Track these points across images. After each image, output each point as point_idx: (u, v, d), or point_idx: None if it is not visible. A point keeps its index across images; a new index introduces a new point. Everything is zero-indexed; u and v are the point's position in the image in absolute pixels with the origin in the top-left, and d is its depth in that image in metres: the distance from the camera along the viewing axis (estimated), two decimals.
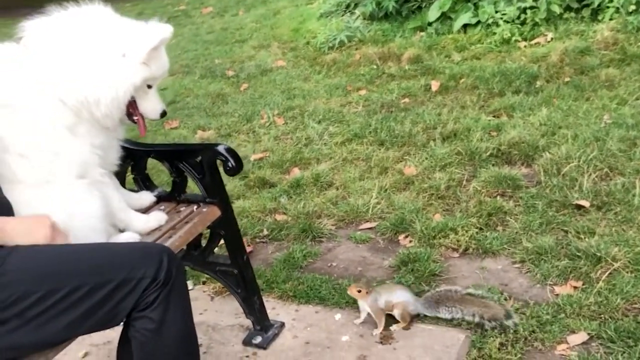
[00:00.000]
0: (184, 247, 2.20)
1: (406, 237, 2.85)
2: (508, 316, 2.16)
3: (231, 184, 3.47)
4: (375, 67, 5.24)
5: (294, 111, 4.55)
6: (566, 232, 2.68)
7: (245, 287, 2.19)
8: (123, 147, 2.09)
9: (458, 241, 2.72)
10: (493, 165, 3.36)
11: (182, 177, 2.10)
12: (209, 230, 2.19)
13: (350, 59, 5.51)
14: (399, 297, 2.23)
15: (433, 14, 5.89)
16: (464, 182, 3.22)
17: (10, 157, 1.65)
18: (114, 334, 1.71)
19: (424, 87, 4.62)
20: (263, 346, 2.21)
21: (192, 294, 2.38)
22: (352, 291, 2.24)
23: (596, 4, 5.07)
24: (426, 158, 3.52)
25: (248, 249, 2.85)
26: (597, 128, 3.53)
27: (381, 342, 2.19)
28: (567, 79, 4.32)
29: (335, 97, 4.76)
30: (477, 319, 2.19)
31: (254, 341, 2.23)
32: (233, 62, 6.20)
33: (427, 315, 2.26)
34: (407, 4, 6.30)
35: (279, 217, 3.13)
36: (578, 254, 2.49)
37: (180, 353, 1.54)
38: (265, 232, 3.01)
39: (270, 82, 5.34)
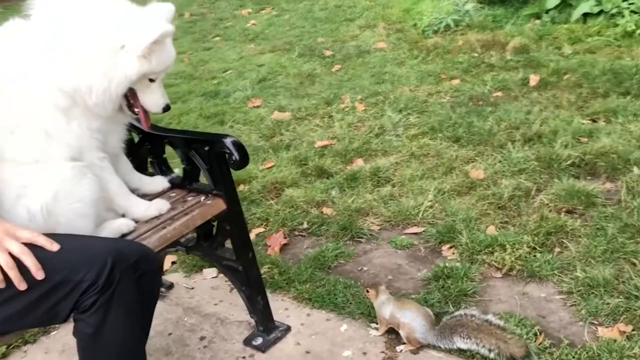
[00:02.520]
0: (195, 236, 2.17)
1: (450, 248, 2.62)
2: (527, 356, 1.90)
3: (287, 171, 3.40)
4: (475, 55, 4.89)
5: (377, 97, 4.36)
6: (633, 264, 2.32)
7: (249, 286, 2.11)
8: (142, 130, 2.08)
9: (503, 260, 2.45)
10: (572, 176, 2.99)
11: (193, 165, 2.04)
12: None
13: (452, 45, 5.19)
14: (407, 319, 2.04)
15: (552, 0, 5.38)
16: (532, 193, 2.90)
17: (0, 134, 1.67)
18: None
19: (522, 81, 4.24)
20: (262, 349, 2.13)
21: (212, 283, 2.38)
22: (365, 292, 2.11)
23: None
24: (499, 161, 3.22)
25: (283, 242, 2.79)
26: None
27: None
28: None
29: (425, 85, 4.50)
30: (492, 355, 1.95)
31: (254, 342, 2.15)
32: (335, 41, 6.08)
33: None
34: None
35: (326, 211, 3.01)
36: (636, 293, 2.14)
37: None
38: (305, 226, 2.90)
39: (363, 65, 5.17)
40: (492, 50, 4.90)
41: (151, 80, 1.80)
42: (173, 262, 2.71)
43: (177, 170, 2.15)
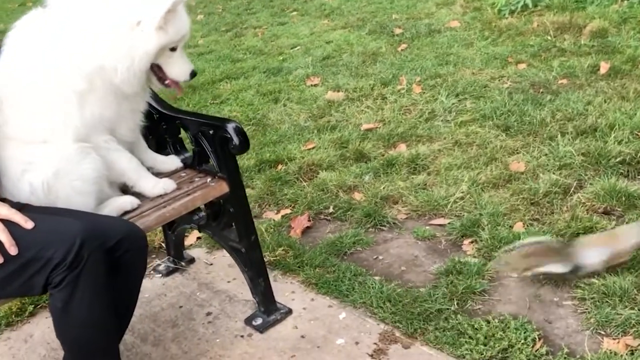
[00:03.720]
0: (205, 214, 2.24)
1: (471, 243, 2.55)
2: None
3: (325, 153, 3.41)
4: (548, 38, 4.63)
5: (436, 80, 4.25)
6: None
7: (251, 267, 2.17)
8: (158, 110, 2.18)
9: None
10: (620, 174, 2.81)
11: (201, 147, 2.11)
12: None
13: (526, 27, 4.94)
14: None
15: None
16: (571, 190, 2.74)
17: (9, 110, 1.80)
18: None
19: (591, 68, 3.98)
20: (260, 329, 2.19)
21: (230, 261, 2.45)
22: None
23: None
24: (545, 154, 3.07)
25: (307, 224, 2.83)
26: None
27: (372, 356, 2.03)
28: None
29: (489, 69, 4.33)
30: None
31: (254, 322, 2.22)
32: (409, 18, 5.96)
33: None
34: None
35: (356, 196, 3.00)
36: None
37: (82, 338, 1.58)
38: (331, 210, 2.92)
39: (430, 45, 5.04)
40: (567, 33, 4.62)
41: (172, 50, 1.88)
42: (198, 238, 2.82)
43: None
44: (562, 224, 2.51)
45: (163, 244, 2.73)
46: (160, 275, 2.58)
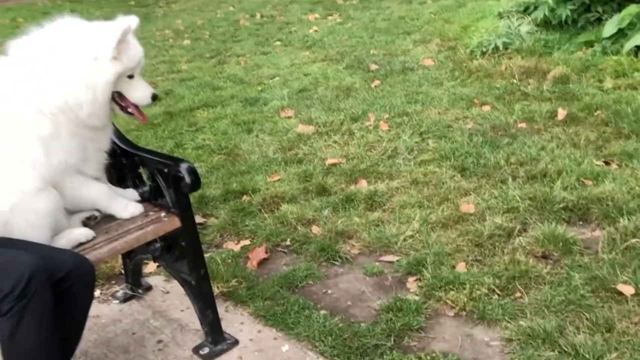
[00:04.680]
0: (159, 246, 2.37)
1: (415, 280, 2.69)
2: None
3: (289, 186, 3.55)
4: (513, 82, 4.83)
5: (403, 118, 4.43)
6: (585, 319, 2.30)
7: (200, 299, 2.29)
8: (120, 147, 2.32)
9: (458, 299, 2.49)
10: (563, 220, 2.97)
11: (156, 183, 2.25)
12: None
13: (495, 69, 5.15)
14: None
15: (609, 28, 5.19)
16: (514, 233, 2.90)
17: None
18: None
19: (549, 114, 4.17)
20: (206, 359, 2.30)
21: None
22: None
23: None
24: (495, 197, 3.23)
25: (264, 257, 2.96)
26: None
27: None
28: None
29: (454, 109, 4.51)
30: None
31: (201, 351, 2.34)
32: (386, 54, 6.16)
33: None
34: (586, 14, 5.65)
35: (314, 230, 3.14)
36: (572, 351, 2.14)
37: None
38: (288, 243, 3.05)
39: (402, 82, 5.23)
40: (532, 78, 4.82)
41: (130, 77, 2.03)
42: (158, 266, 2.94)
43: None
44: (501, 266, 2.66)
45: (123, 271, 2.84)
46: (118, 301, 2.70)
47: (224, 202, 3.50)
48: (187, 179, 2.11)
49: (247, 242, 3.09)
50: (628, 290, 2.41)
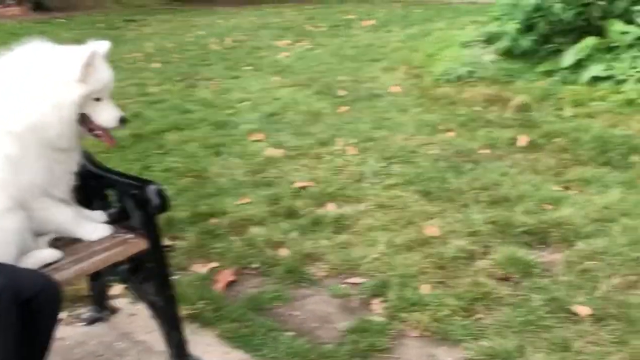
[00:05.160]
0: (126, 267, 2.37)
1: (381, 302, 2.74)
2: None
3: (257, 209, 3.59)
4: (477, 109, 4.98)
5: (370, 143, 4.52)
6: (543, 339, 2.38)
7: (167, 321, 2.30)
8: (87, 168, 2.33)
9: (422, 320, 2.55)
10: (524, 243, 3.06)
11: (124, 205, 2.26)
12: None
13: (459, 96, 5.30)
14: None
15: (568, 59, 5.43)
16: (477, 256, 2.98)
17: None
18: None
19: (511, 141, 4.31)
20: None
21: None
22: None
23: None
24: (458, 221, 3.31)
25: (231, 279, 2.97)
26: None
27: None
28: None
29: (420, 135, 4.62)
30: None
31: None
32: (353, 81, 6.28)
33: None
34: (546, 45, 5.86)
35: (282, 252, 3.17)
36: None
37: None
38: (256, 265, 3.08)
39: (369, 109, 5.34)
40: (495, 105, 4.98)
41: (98, 100, 2.05)
42: (125, 287, 2.93)
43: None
44: (464, 288, 2.73)
45: (89, 293, 2.82)
46: (84, 323, 2.68)
47: (192, 224, 3.51)
48: (155, 201, 2.14)
49: (214, 264, 3.10)
50: (583, 311, 2.50)
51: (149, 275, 2.29)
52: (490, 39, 6.40)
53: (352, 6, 11.81)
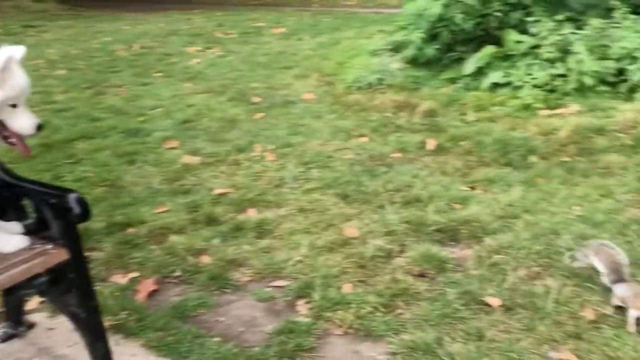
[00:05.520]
0: (45, 279, 2.30)
1: (305, 303, 2.80)
2: None
3: (176, 217, 3.56)
4: (387, 115, 5.17)
5: (287, 149, 4.58)
6: (460, 330, 2.53)
7: (90, 333, 2.25)
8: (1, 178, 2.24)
9: (345, 318, 2.64)
10: (436, 241, 3.22)
11: (42, 215, 2.19)
12: None
13: (370, 103, 5.48)
14: None
15: (469, 67, 5.74)
16: (394, 254, 3.11)
17: None
18: None
19: (420, 145, 4.51)
20: None
21: (70, 325, 2.48)
22: None
23: (632, 80, 4.73)
24: (375, 221, 3.44)
25: (152, 288, 2.94)
26: (562, 219, 3.30)
27: None
28: (565, 159, 4.07)
29: (335, 141, 4.74)
30: None
31: None
32: (267, 88, 6.34)
33: None
34: (449, 53, 6.18)
35: (204, 259, 3.16)
36: (446, 357, 2.34)
37: None
38: (178, 273, 3.06)
39: (284, 115, 5.41)
40: (404, 111, 5.19)
41: (14, 106, 1.99)
42: (41, 302, 2.83)
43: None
44: (383, 285, 2.85)
45: (2, 309, 2.70)
46: None
47: (109, 235, 3.43)
48: (77, 210, 2.09)
49: (135, 274, 3.05)
50: (495, 302, 2.68)
51: (71, 286, 2.23)
52: (397, 48, 6.66)
53: (261, 14, 11.88)
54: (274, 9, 12.79)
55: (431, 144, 4.47)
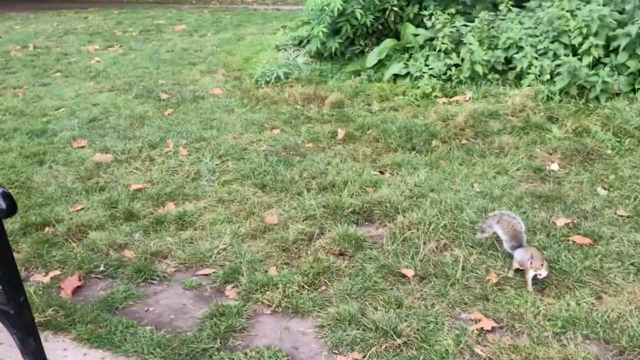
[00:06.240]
0: None
1: (233, 288, 2.90)
2: None
3: (94, 213, 3.54)
4: (297, 107, 5.32)
5: (201, 143, 4.62)
6: (381, 300, 2.72)
7: (21, 328, 2.24)
8: None
9: (273, 298, 2.76)
10: (352, 222, 3.41)
11: None
12: None
13: (279, 96, 5.61)
14: None
15: (371, 59, 5.99)
16: (315, 237, 3.27)
17: None
18: None
19: (331, 134, 4.70)
20: None
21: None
22: None
23: (518, 68, 5.15)
24: (294, 208, 3.58)
25: (77, 284, 2.93)
26: (464, 196, 3.58)
27: None
28: (463, 142, 4.39)
29: (248, 133, 4.83)
30: None
31: None
32: (174, 84, 6.31)
33: None
34: (352, 47, 6.43)
35: (127, 254, 3.18)
36: (372, 326, 2.53)
37: None
38: (102, 268, 3.06)
39: (195, 110, 5.43)
40: (313, 103, 5.37)
41: None
42: None
43: None
44: (307, 265, 3.00)
45: None
46: None
47: (25, 235, 3.36)
48: (2, 204, 2.08)
49: (57, 272, 3.03)
50: (409, 272, 2.90)
51: None
52: (301, 42, 6.85)
53: (160, 12, 11.69)
54: (172, 7, 12.61)
55: (341, 133, 4.67)
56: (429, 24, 5.76)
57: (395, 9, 6.21)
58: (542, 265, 2.70)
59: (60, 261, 3.11)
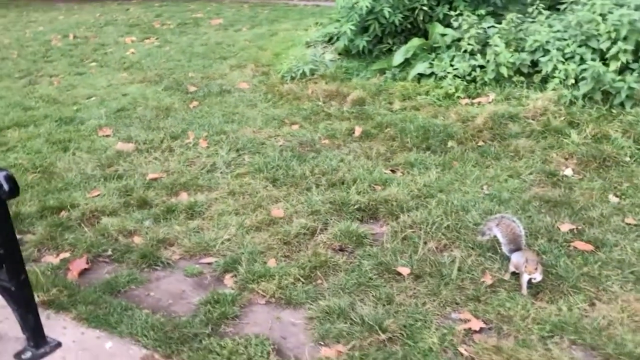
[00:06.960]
0: None
1: (231, 277, 2.98)
2: None
3: (109, 200, 3.67)
4: (319, 104, 5.38)
5: (221, 136, 4.72)
6: (372, 296, 2.76)
7: (21, 305, 2.37)
8: None
9: (268, 288, 2.83)
10: (357, 219, 3.45)
11: None
12: None
13: (302, 92, 5.67)
14: None
15: (397, 58, 5.99)
16: (317, 231, 3.32)
17: None
18: None
19: (348, 131, 4.73)
20: None
21: (2, 301, 2.58)
22: None
23: (544, 71, 5.08)
24: (301, 202, 3.64)
25: (85, 267, 3.06)
26: (472, 198, 3.58)
27: None
28: (480, 144, 4.36)
29: (267, 128, 4.91)
30: None
31: (23, 356, 2.40)
32: (203, 77, 6.44)
33: None
34: (379, 45, 6.44)
35: (136, 240, 3.30)
36: (359, 320, 2.57)
37: None
38: (109, 253, 3.18)
39: (219, 104, 5.54)
40: (335, 100, 5.41)
41: None
42: None
43: None
44: (305, 259, 3.06)
45: None
46: None
47: (41, 218, 3.52)
48: (5, 186, 2.20)
49: (67, 254, 3.16)
50: (405, 271, 2.93)
51: (1, 261, 2.34)
52: (330, 39, 6.89)
53: (200, 5, 11.88)
54: (213, 1, 12.80)
55: (358, 130, 4.70)
56: (455, 24, 5.73)
57: (425, 8, 6.19)
58: (536, 269, 2.69)
59: (71, 244, 3.25)
